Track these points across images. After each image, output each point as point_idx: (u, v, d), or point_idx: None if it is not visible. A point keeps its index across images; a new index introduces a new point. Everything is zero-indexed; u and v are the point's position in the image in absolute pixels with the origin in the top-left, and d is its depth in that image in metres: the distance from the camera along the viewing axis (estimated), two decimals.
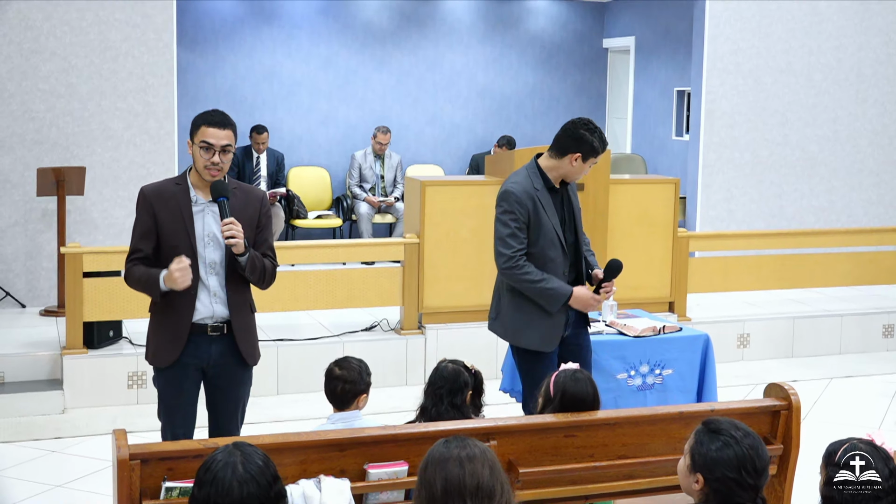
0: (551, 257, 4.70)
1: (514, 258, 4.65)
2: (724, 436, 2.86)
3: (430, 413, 4.10)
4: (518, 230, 4.65)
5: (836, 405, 7.15)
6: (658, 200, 7.99)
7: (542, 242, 4.68)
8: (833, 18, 9.94)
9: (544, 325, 4.73)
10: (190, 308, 4.22)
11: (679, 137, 11.56)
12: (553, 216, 4.70)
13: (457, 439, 2.68)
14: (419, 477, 2.67)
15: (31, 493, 5.38)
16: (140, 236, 4.25)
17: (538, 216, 4.66)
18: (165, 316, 4.27)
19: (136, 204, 4.30)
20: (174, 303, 4.22)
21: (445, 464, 2.61)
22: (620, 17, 12.43)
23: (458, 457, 2.61)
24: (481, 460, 2.62)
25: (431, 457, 2.66)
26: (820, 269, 8.79)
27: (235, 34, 11.05)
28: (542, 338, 4.74)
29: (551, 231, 4.68)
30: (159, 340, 4.30)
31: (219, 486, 2.53)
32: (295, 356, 7.16)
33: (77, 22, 8.02)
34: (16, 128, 7.97)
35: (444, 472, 2.60)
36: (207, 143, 4.16)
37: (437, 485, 2.59)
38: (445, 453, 2.64)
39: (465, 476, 2.59)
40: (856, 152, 10.18)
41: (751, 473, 2.82)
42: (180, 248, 4.17)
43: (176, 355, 4.25)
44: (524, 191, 4.67)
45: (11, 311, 7.94)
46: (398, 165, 10.95)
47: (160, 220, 4.21)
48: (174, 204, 4.21)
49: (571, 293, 4.66)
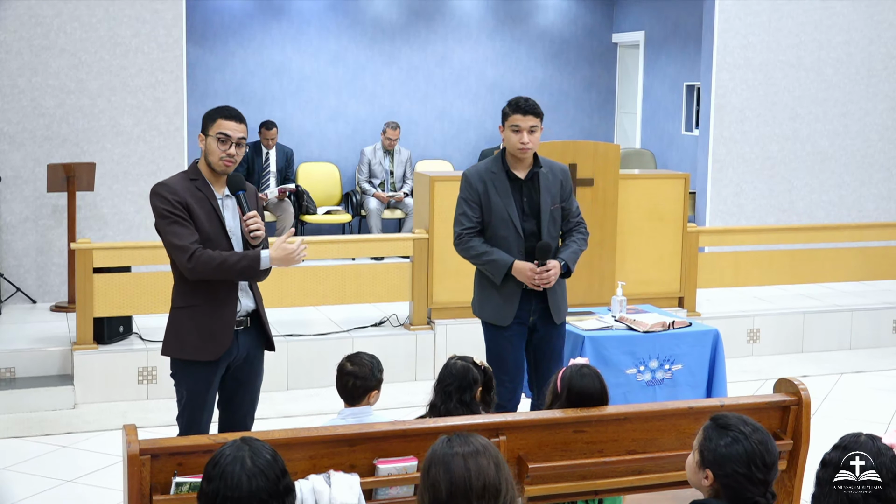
0: (503, 235, 4.94)
1: (461, 235, 5.00)
2: (733, 431, 2.85)
3: (439, 410, 4.09)
4: (468, 209, 4.97)
5: (846, 400, 7.14)
6: (668, 195, 7.98)
7: (494, 222, 4.94)
8: (843, 13, 9.91)
9: (499, 298, 4.96)
10: (234, 300, 4.27)
11: (689, 132, 11.54)
12: (507, 198, 4.92)
13: (459, 436, 2.61)
14: (422, 477, 2.60)
15: (42, 488, 5.40)
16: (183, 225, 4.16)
17: (488, 196, 4.94)
18: (210, 308, 4.24)
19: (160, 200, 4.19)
20: (217, 294, 4.23)
21: (450, 464, 2.54)
22: (630, 12, 12.41)
23: (462, 454, 2.55)
24: (486, 456, 2.56)
25: (434, 456, 2.59)
26: (830, 265, 8.77)
27: (245, 30, 11.06)
28: (496, 311, 4.97)
29: (502, 211, 4.92)
30: (200, 334, 4.24)
31: (227, 480, 2.54)
32: (304, 351, 7.17)
33: (87, 18, 8.04)
34: (26, 124, 8.00)
35: (449, 472, 2.53)
36: (225, 134, 4.21)
37: (443, 487, 2.53)
38: (449, 452, 2.57)
39: (472, 477, 2.52)
40: (866, 147, 10.15)
41: (760, 469, 2.81)
42: (217, 239, 4.21)
43: (226, 347, 4.25)
44: (476, 172, 5.00)
45: (22, 307, 7.96)
46: (407, 161, 10.95)
47: (194, 213, 4.20)
48: (203, 198, 4.24)
49: (512, 263, 4.89)
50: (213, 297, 4.24)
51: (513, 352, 4.99)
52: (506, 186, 4.93)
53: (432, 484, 2.55)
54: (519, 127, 4.85)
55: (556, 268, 4.88)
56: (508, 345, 4.97)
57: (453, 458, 2.55)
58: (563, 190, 5.04)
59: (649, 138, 12.22)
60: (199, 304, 4.25)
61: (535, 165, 4.98)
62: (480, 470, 2.54)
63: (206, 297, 4.24)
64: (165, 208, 4.18)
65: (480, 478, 2.53)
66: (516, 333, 5.00)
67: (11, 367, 6.77)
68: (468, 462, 2.54)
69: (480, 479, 2.53)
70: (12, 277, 8.04)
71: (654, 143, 12.12)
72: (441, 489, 2.53)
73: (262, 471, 2.56)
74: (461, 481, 2.52)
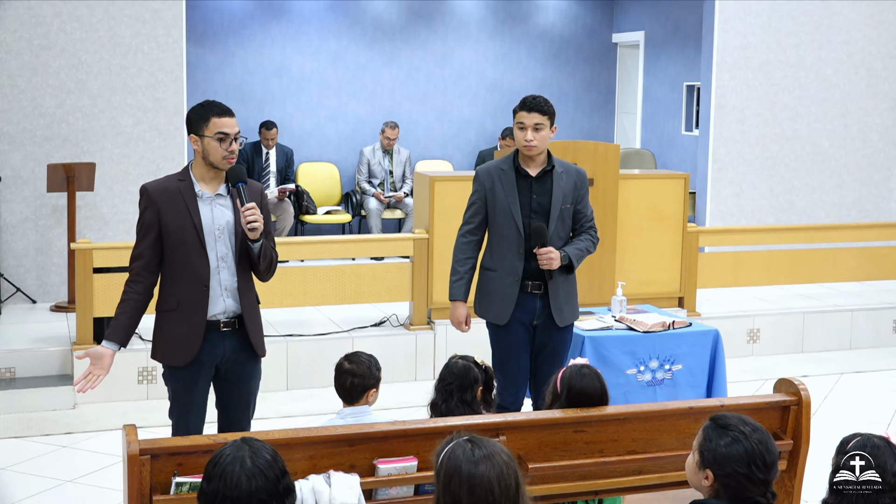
0: (504, 234, 4.93)
1: (462, 232, 5.07)
2: (732, 431, 2.85)
3: (440, 409, 4.09)
4: (470, 209, 5.03)
5: (846, 400, 7.14)
6: (668, 195, 7.98)
7: (498, 220, 4.94)
8: (843, 12, 9.91)
9: (496, 298, 4.96)
10: (204, 304, 4.19)
11: (689, 132, 11.54)
12: (512, 195, 4.91)
13: (478, 445, 2.59)
14: (442, 486, 2.58)
15: (42, 488, 5.40)
16: (144, 236, 4.20)
17: (494, 193, 4.94)
18: (180, 313, 4.20)
19: (139, 202, 4.26)
20: (188, 299, 4.18)
21: (474, 485, 2.53)
22: (630, 12, 12.41)
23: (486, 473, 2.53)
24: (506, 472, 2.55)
25: (458, 471, 2.55)
26: (830, 265, 8.78)
27: (244, 30, 11.06)
28: (494, 309, 4.97)
29: (506, 209, 4.91)
30: (172, 338, 4.23)
31: (227, 480, 2.54)
32: (304, 352, 7.17)
33: (87, 18, 8.04)
34: (26, 124, 8.00)
35: (473, 494, 2.52)
36: (224, 133, 4.15)
37: (464, 497, 2.53)
38: (473, 470, 2.54)
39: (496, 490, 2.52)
40: (866, 147, 10.15)
41: (760, 468, 2.81)
42: (188, 244, 4.15)
43: (194, 353, 4.19)
44: (486, 169, 5.03)
45: (22, 307, 7.97)
46: (407, 161, 10.95)
47: (165, 217, 4.16)
48: (179, 199, 4.17)
49: (455, 300, 5.02)
50: (185, 302, 4.19)
51: (516, 356, 4.95)
52: (513, 184, 4.91)
53: (454, 500, 2.54)
54: (524, 124, 4.85)
55: (555, 252, 4.82)
56: (512, 348, 4.94)
57: (477, 478, 2.53)
58: (577, 191, 4.98)
59: (649, 138, 12.22)
60: (170, 309, 4.23)
61: (548, 164, 4.95)
62: (503, 490, 2.53)
63: (176, 302, 4.20)
64: (141, 211, 4.24)
65: (502, 484, 2.54)
66: (520, 336, 4.95)
67: (11, 367, 6.77)
68: (492, 482, 2.53)
69: (502, 485, 2.54)
70: (12, 277, 8.04)
71: (654, 143, 12.12)
72: (462, 498, 2.54)
73: (262, 471, 2.56)
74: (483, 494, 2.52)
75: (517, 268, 4.90)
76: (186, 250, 4.15)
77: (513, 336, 4.95)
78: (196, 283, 4.17)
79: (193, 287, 4.16)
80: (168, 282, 4.24)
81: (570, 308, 5.02)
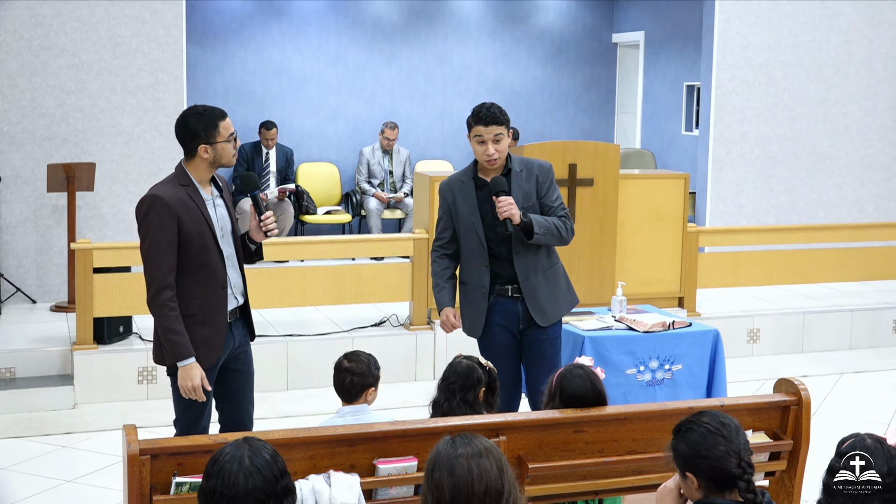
0: (470, 246, 4.86)
1: (434, 247, 5.00)
2: (683, 429, 2.92)
3: (441, 408, 4.09)
4: (440, 224, 4.94)
5: (846, 400, 7.14)
6: (668, 195, 7.98)
7: (463, 233, 4.87)
8: (843, 12, 9.91)
9: (469, 312, 4.93)
10: (225, 305, 4.25)
11: (689, 132, 11.54)
12: (471, 207, 4.81)
13: (462, 437, 2.61)
14: (426, 479, 2.60)
15: (42, 488, 5.40)
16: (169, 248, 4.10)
17: (456, 207, 4.86)
18: (202, 317, 4.19)
19: (150, 212, 4.11)
20: (209, 302, 4.19)
21: (454, 466, 2.54)
22: (630, 12, 12.41)
23: (465, 456, 2.55)
24: (489, 458, 2.56)
25: (438, 458, 2.59)
26: (830, 265, 8.77)
27: (244, 30, 11.06)
28: (468, 323, 4.95)
29: (467, 221, 4.83)
30: (197, 343, 4.17)
31: (225, 478, 2.54)
32: (304, 352, 7.17)
33: (87, 18, 8.04)
34: (26, 124, 8.00)
35: (453, 475, 2.53)
36: (232, 132, 4.23)
37: (446, 489, 2.53)
38: (452, 454, 2.57)
39: (474, 481, 2.52)
40: (866, 147, 10.15)
41: (724, 437, 2.85)
42: (209, 249, 4.18)
43: (217, 355, 4.23)
44: (447, 184, 4.93)
45: (22, 307, 7.97)
46: (406, 160, 10.95)
47: (186, 225, 4.13)
48: (192, 206, 4.17)
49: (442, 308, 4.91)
50: (206, 306, 4.20)
51: (505, 363, 4.80)
52: (472, 196, 4.81)
53: (436, 486, 2.55)
54: (483, 138, 4.69)
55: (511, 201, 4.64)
56: (499, 356, 4.76)
57: (457, 460, 2.55)
58: (540, 185, 4.84)
59: (649, 138, 12.22)
60: (191, 314, 4.18)
61: (505, 168, 4.82)
62: (483, 472, 2.54)
63: (198, 307, 4.19)
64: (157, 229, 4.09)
65: (483, 481, 2.53)
66: (505, 343, 4.88)
67: (11, 367, 6.77)
68: (471, 464, 2.54)
69: (483, 482, 2.53)
70: (12, 277, 8.04)
71: (654, 143, 12.12)
72: (444, 492, 2.54)
73: (260, 470, 2.56)
74: (464, 484, 2.53)
75: (484, 280, 4.83)
76: (207, 255, 4.19)
77: (497, 344, 4.88)
78: (216, 285, 4.22)
79: (213, 290, 4.21)
80: (187, 289, 4.18)
81: (554, 306, 4.90)
